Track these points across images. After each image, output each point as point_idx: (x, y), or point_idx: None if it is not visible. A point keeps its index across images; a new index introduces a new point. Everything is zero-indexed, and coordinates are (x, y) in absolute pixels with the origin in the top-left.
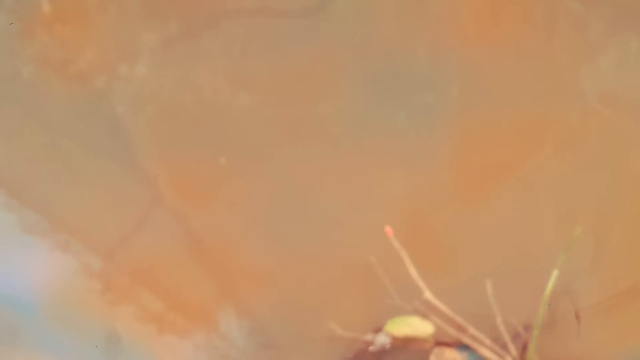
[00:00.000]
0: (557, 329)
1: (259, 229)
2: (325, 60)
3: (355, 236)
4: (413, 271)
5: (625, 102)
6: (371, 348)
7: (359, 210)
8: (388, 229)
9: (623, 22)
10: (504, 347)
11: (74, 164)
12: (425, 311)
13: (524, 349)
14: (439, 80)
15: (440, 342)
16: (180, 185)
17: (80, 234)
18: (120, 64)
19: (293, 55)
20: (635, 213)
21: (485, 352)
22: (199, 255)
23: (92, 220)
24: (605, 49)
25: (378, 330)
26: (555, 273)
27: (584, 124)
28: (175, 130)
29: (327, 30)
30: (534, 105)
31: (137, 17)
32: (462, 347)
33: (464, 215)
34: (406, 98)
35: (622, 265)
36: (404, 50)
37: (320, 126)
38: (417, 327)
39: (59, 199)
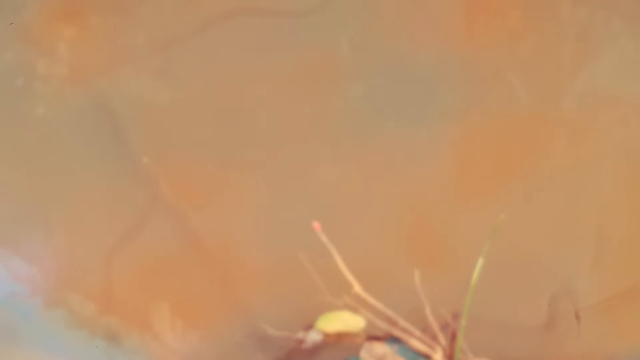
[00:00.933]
0: (557, 329)
1: (259, 229)
2: (325, 60)
3: (355, 236)
4: (342, 265)
5: (626, 102)
6: (303, 345)
7: (359, 210)
8: (316, 224)
9: (623, 22)
10: (434, 337)
11: (74, 164)
12: (356, 306)
13: (452, 338)
14: (440, 80)
15: (371, 337)
16: (180, 185)
17: (80, 234)
18: (120, 65)
19: (292, 55)
20: (635, 213)
21: (415, 343)
22: (199, 255)
23: (92, 220)
24: (606, 49)
25: (309, 327)
26: (480, 261)
27: (584, 124)
28: (175, 131)
29: (327, 30)
30: (535, 106)
31: (137, 18)
32: (392, 340)
33: (465, 215)
34: (407, 98)
35: (622, 265)
36: (405, 50)
37: (321, 126)
38: (348, 322)
39: (59, 199)
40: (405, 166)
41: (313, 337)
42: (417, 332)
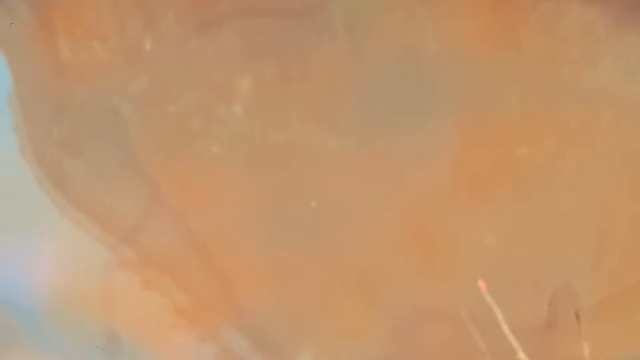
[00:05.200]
0: (557, 329)
1: (259, 229)
2: (325, 60)
3: (355, 236)
4: (505, 328)
5: (626, 102)
6: None
7: (360, 211)
8: (481, 284)
9: (624, 22)
10: None
11: (74, 164)
12: None
13: None
14: (441, 80)
15: None
16: (180, 185)
17: (80, 234)
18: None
19: (292, 55)
20: (636, 213)
21: None
22: (199, 256)
23: (91, 220)
24: (607, 48)
25: None
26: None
27: (584, 124)
28: (175, 131)
29: (327, 30)
30: (535, 106)
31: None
32: None
33: (465, 215)
34: (408, 98)
35: (622, 265)
36: (405, 51)
37: (321, 126)
38: None
39: (59, 199)
40: (405, 166)
41: None
42: None
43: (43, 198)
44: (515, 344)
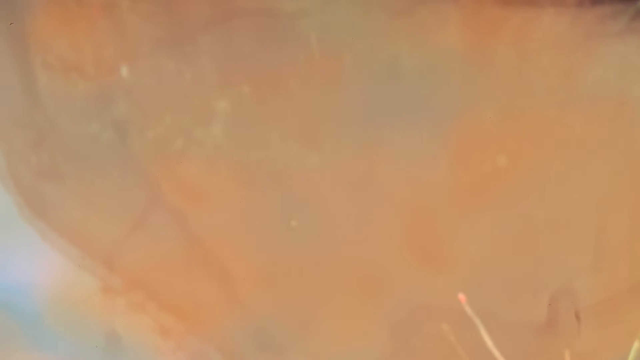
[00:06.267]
0: (557, 329)
1: (259, 229)
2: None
3: (355, 236)
4: (488, 340)
5: (627, 103)
6: None
7: (359, 210)
8: (461, 297)
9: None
10: None
11: (74, 164)
12: None
13: None
14: (441, 80)
15: None
16: (180, 185)
17: (80, 234)
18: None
19: (292, 55)
20: (635, 213)
21: None
22: (199, 256)
23: (91, 220)
24: (607, 48)
25: None
26: (636, 344)
27: (585, 124)
28: (175, 131)
29: (327, 30)
30: (535, 106)
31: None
32: None
33: (466, 215)
34: (408, 98)
35: (622, 265)
36: (405, 50)
37: (321, 126)
38: None
39: (58, 200)
40: (405, 166)
41: None
42: None
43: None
44: (497, 355)
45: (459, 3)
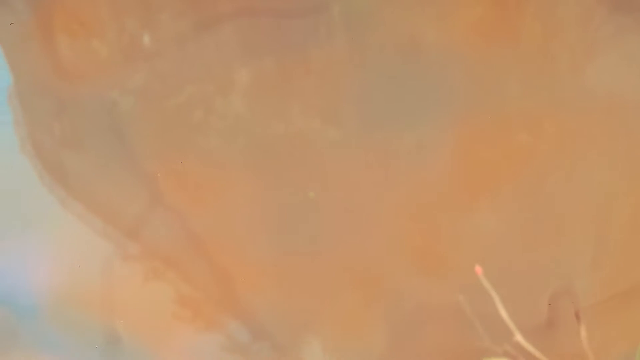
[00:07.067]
0: (557, 329)
1: (259, 229)
2: (324, 54)
3: (356, 236)
4: (503, 312)
5: (627, 102)
6: None
7: (359, 210)
8: (478, 268)
9: (624, 21)
10: None
11: (75, 159)
12: (516, 354)
13: None
14: (441, 79)
15: None
16: (180, 185)
17: (80, 234)
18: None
19: (292, 55)
20: (635, 213)
21: None
22: (199, 256)
23: (91, 220)
24: (607, 48)
25: None
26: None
27: (585, 124)
28: (175, 131)
29: (327, 30)
30: (535, 106)
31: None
32: None
33: (466, 215)
34: (407, 90)
35: (622, 265)
36: (405, 50)
37: (321, 126)
38: None
39: (59, 200)
40: (404, 158)
41: None
42: None
43: (44, 195)
44: (512, 325)
45: None
